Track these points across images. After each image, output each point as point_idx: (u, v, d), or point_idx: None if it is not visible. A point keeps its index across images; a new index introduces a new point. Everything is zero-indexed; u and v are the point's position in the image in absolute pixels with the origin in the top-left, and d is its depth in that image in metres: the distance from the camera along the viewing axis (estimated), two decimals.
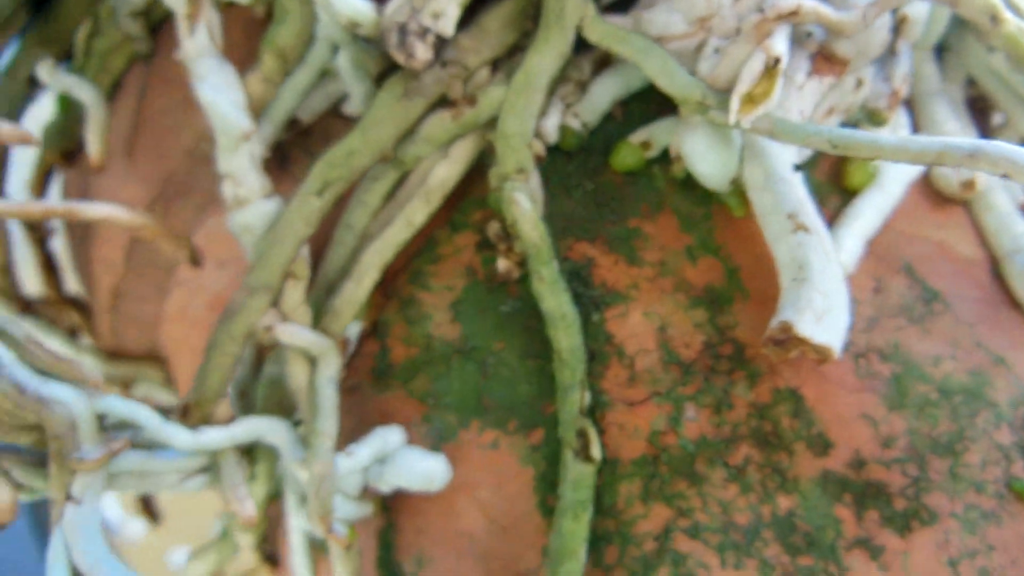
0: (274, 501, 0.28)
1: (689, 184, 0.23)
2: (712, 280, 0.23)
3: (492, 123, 0.24)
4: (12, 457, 0.23)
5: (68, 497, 0.22)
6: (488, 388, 0.24)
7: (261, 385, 0.26)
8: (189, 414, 0.24)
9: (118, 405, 0.23)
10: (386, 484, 0.24)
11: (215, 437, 0.23)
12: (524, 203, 0.23)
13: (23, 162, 0.32)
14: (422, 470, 0.23)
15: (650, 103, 0.24)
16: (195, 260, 0.27)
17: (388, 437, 0.24)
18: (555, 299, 0.22)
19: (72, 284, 0.36)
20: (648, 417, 0.22)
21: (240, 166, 0.24)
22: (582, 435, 0.22)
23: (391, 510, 0.25)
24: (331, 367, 0.24)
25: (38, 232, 0.33)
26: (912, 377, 0.21)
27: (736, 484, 0.21)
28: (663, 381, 0.22)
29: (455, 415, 0.24)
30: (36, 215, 0.24)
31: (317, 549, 0.27)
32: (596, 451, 0.22)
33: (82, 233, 0.32)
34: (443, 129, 0.24)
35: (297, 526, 0.27)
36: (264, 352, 0.27)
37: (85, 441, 0.22)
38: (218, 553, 0.30)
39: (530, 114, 0.23)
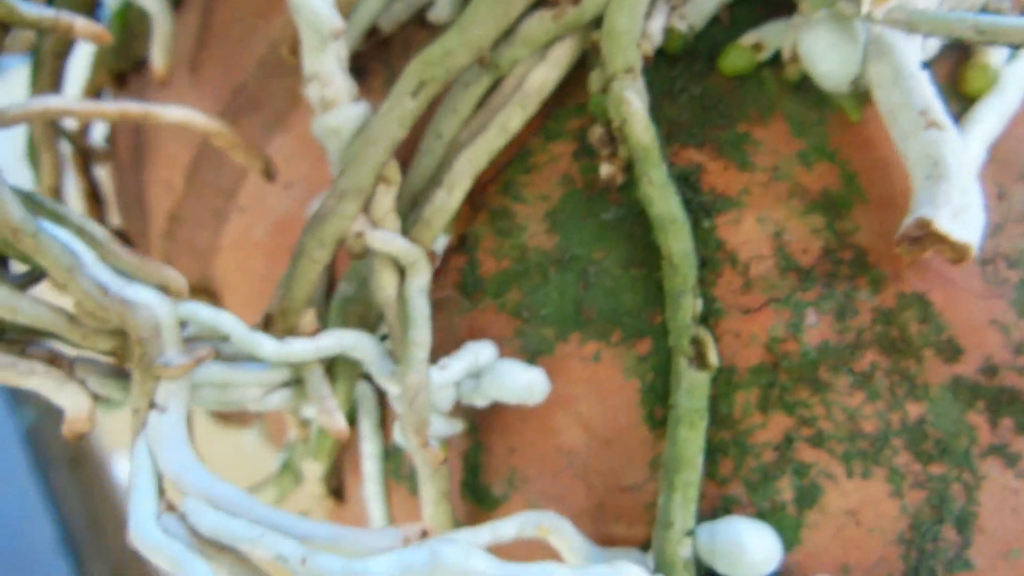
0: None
1: (801, 88, 0.22)
2: (828, 185, 0.22)
3: (595, 23, 0.23)
4: (88, 367, 0.21)
5: (152, 405, 0.21)
6: (589, 299, 0.23)
7: (334, 307, 0.25)
8: (272, 325, 0.23)
9: (202, 311, 0.21)
10: (482, 397, 0.23)
11: (301, 348, 0.22)
12: (635, 102, 0.21)
13: (73, 82, 0.30)
14: (523, 381, 0.22)
15: (756, 7, 0.23)
16: (269, 173, 0.26)
17: (480, 352, 0.23)
18: (665, 202, 0.21)
19: (115, 217, 0.35)
20: (765, 324, 0.21)
21: (328, 67, 0.23)
22: (696, 342, 0.21)
23: (479, 430, 0.24)
24: (422, 277, 0.23)
25: (85, 157, 0.31)
26: None
27: (862, 391, 0.20)
28: (781, 287, 0.21)
29: (552, 328, 0.23)
30: (112, 115, 0.23)
31: (390, 479, 0.26)
32: (713, 357, 0.21)
33: (135, 159, 0.31)
34: (543, 30, 0.23)
35: (371, 453, 0.26)
36: (336, 271, 0.26)
37: (169, 347, 0.21)
38: (278, 487, 0.29)
39: (639, 12, 0.22)
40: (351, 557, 0.19)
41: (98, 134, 0.33)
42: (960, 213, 0.19)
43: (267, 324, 0.23)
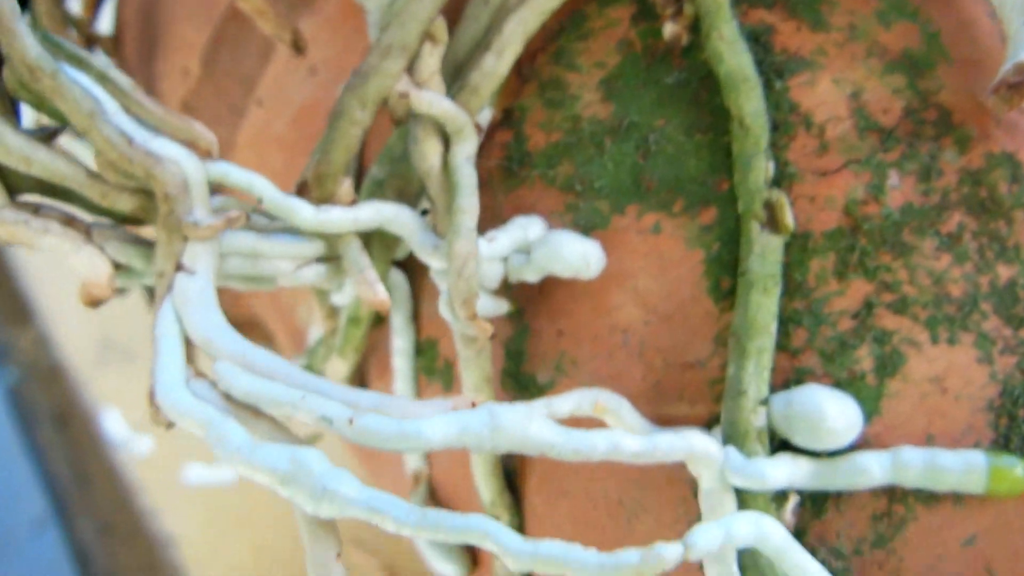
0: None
1: None
2: (909, 44, 0.20)
3: None
4: (106, 232, 0.20)
5: (179, 267, 0.19)
6: (649, 168, 0.21)
7: (365, 189, 0.23)
8: (307, 193, 0.21)
9: (234, 172, 0.20)
10: (533, 271, 0.21)
11: (339, 216, 0.21)
12: None
13: None
14: (578, 251, 0.21)
15: None
16: (297, 45, 0.24)
17: (528, 226, 0.22)
18: (736, 59, 0.20)
19: None
20: (844, 187, 0.20)
21: None
22: (769, 206, 0.20)
23: (524, 314, 0.22)
24: (469, 144, 0.21)
25: (90, 43, 0.29)
26: None
27: (949, 253, 0.19)
28: (860, 149, 0.20)
29: (607, 201, 0.21)
30: None
31: (421, 376, 0.25)
32: (789, 219, 0.19)
33: (145, 48, 0.29)
34: None
35: (403, 348, 0.24)
36: (368, 149, 0.25)
37: (197, 207, 0.19)
38: None
39: None
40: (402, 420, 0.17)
41: (106, 23, 0.31)
42: None
43: (301, 191, 0.21)
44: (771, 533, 0.16)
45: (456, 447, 0.17)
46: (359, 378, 0.27)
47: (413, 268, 0.24)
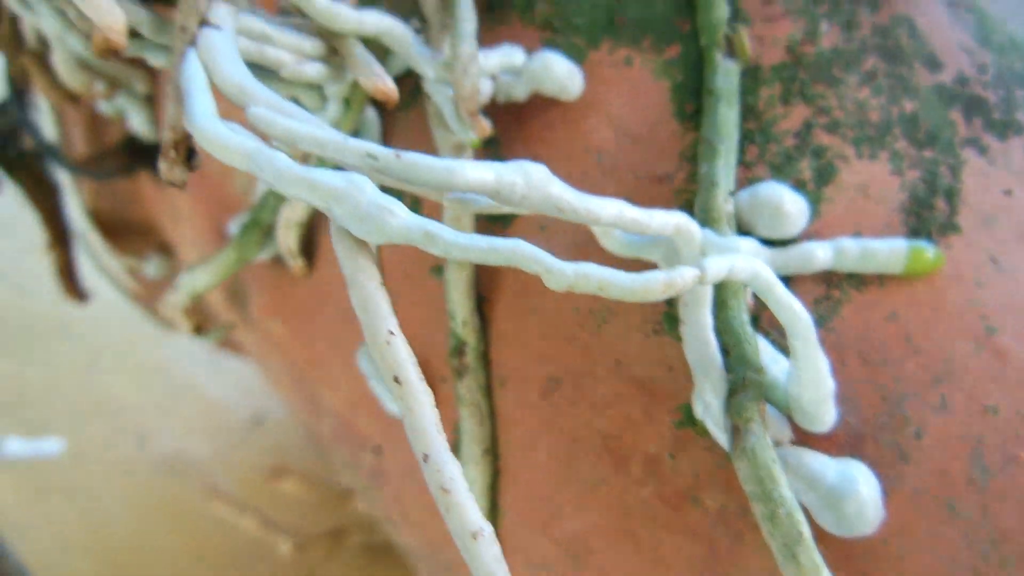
0: None
1: None
2: None
3: None
4: None
5: (204, 22, 0.19)
6: (621, 8, 0.24)
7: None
8: None
9: None
10: (523, 88, 0.23)
11: (348, 15, 0.21)
12: None
13: None
14: (566, 69, 0.23)
15: None
16: None
17: (511, 52, 0.23)
18: None
19: None
20: (786, 30, 0.23)
21: None
22: (728, 39, 0.23)
23: (500, 143, 0.24)
24: None
25: None
26: (991, 25, 0.25)
27: (868, 87, 0.23)
28: (797, 1, 0.24)
29: (583, 37, 0.24)
30: None
31: None
32: (748, 46, 0.23)
33: None
34: None
35: None
36: None
37: None
38: (238, 250, 0.27)
39: None
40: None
41: None
42: None
43: None
44: (762, 271, 0.19)
45: (488, 193, 0.18)
46: (308, 233, 0.27)
47: (381, 110, 0.25)
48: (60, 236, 0.36)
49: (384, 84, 0.21)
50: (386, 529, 0.31)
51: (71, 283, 0.36)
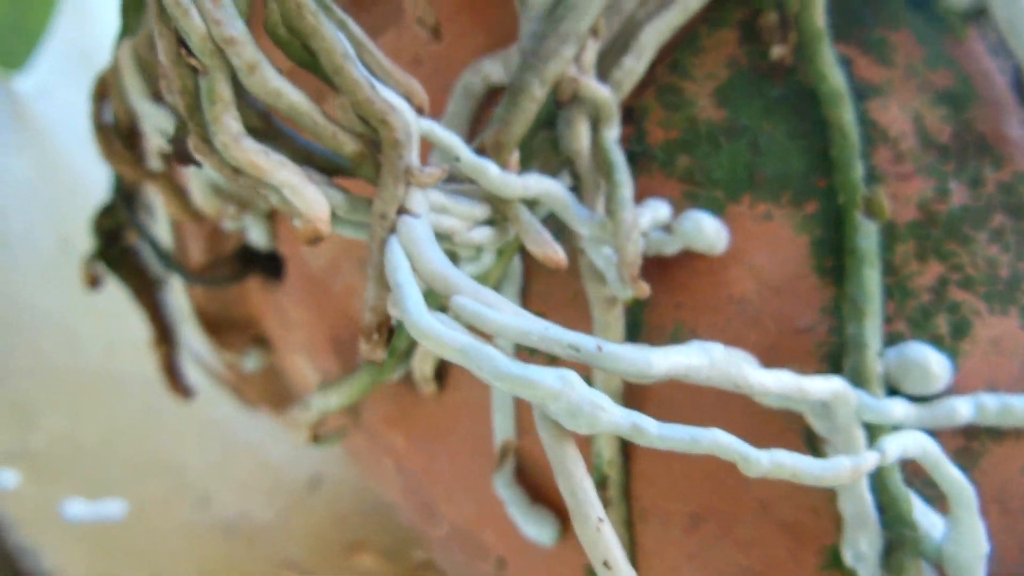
0: None
1: (920, 5, 0.27)
2: (949, 84, 0.26)
3: None
4: (313, 175, 0.20)
5: (403, 210, 0.20)
6: (760, 164, 0.25)
7: None
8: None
9: (438, 129, 0.21)
10: (673, 245, 0.24)
11: (515, 183, 0.23)
12: None
13: None
14: (715, 227, 0.24)
15: None
16: (437, 31, 0.26)
17: (657, 208, 0.25)
18: (836, 80, 0.25)
19: None
20: (917, 188, 0.25)
21: None
22: (867, 199, 0.24)
23: None
24: (615, 129, 0.24)
25: None
26: None
27: (997, 244, 0.24)
28: (926, 160, 0.25)
29: (723, 191, 0.25)
30: None
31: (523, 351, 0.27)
32: (888, 208, 0.24)
33: None
34: None
35: None
36: None
37: (414, 155, 0.21)
38: (369, 372, 0.28)
39: None
40: (639, 348, 0.19)
41: None
42: None
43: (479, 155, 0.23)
44: (929, 447, 0.20)
45: (678, 377, 0.20)
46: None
47: (522, 248, 0.27)
48: (165, 334, 0.37)
49: (555, 253, 0.22)
50: None
51: (176, 380, 0.37)
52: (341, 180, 0.22)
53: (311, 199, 0.19)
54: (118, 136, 0.29)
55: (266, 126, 0.20)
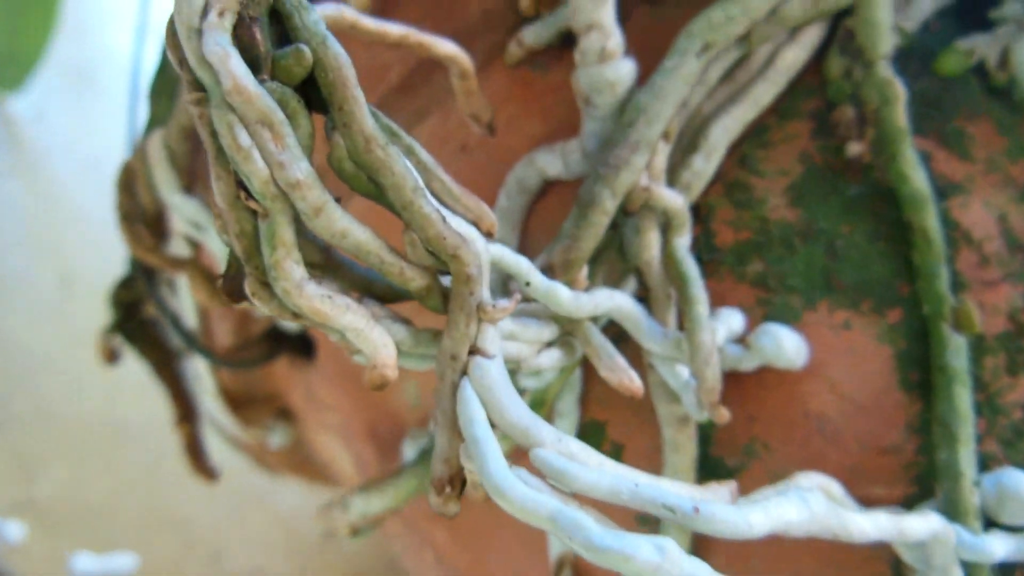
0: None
1: (1002, 93, 0.25)
2: None
3: (841, 12, 0.24)
4: (377, 311, 0.19)
5: (476, 350, 0.18)
6: (837, 269, 0.24)
7: None
8: (551, 276, 0.21)
9: (508, 255, 0.20)
10: (751, 361, 0.23)
11: (587, 302, 0.21)
12: (898, 86, 0.23)
13: None
14: (795, 344, 0.22)
15: (956, 20, 0.26)
16: (492, 128, 0.24)
17: (731, 318, 0.23)
18: (919, 181, 0.23)
19: None
20: (1006, 296, 0.23)
21: (608, 18, 0.22)
22: (955, 311, 0.23)
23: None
24: (687, 237, 0.23)
25: None
26: None
27: None
28: (1012, 264, 0.24)
29: (799, 297, 0.23)
30: (394, 38, 0.20)
31: None
32: (978, 322, 0.22)
33: None
34: (802, 11, 0.24)
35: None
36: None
37: (485, 288, 0.19)
38: (416, 476, 0.27)
39: (891, 4, 0.24)
40: (739, 505, 0.18)
41: None
42: None
43: (547, 273, 0.21)
44: None
45: (779, 532, 0.18)
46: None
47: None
48: (188, 412, 0.35)
49: (631, 382, 0.21)
50: None
51: (199, 460, 0.35)
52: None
53: (378, 343, 0.18)
54: (145, 225, 0.27)
55: (325, 260, 0.18)
